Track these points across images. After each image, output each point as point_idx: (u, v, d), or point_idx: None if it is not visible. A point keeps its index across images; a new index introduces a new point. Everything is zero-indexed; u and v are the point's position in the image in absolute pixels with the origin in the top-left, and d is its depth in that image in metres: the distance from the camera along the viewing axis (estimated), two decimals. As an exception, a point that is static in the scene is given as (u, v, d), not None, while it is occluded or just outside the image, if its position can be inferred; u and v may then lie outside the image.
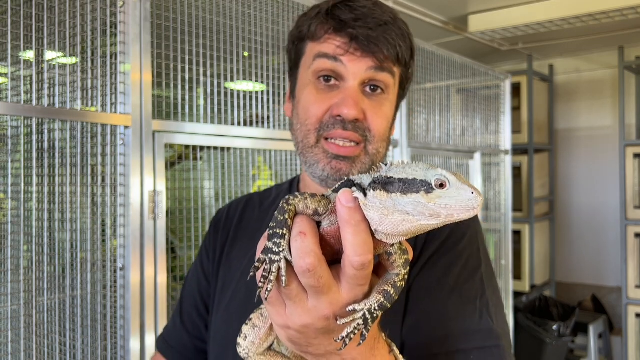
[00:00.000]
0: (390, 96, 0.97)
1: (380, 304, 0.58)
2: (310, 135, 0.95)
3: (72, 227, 1.51)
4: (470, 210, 0.53)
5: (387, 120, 0.96)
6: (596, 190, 4.67)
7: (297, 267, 0.55)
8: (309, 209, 0.58)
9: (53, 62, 1.52)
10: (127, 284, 1.57)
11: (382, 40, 0.91)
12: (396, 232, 0.55)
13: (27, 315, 1.44)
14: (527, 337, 3.74)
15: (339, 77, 0.93)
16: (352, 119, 0.91)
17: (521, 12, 3.41)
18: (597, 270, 4.65)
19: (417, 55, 2.66)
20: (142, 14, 1.59)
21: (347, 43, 0.91)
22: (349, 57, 0.91)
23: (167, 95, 1.75)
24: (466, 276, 0.88)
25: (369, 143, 0.94)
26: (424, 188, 0.53)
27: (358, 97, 0.92)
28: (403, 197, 0.54)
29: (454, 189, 0.53)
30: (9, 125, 1.52)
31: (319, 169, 0.94)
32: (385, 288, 0.59)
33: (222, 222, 1.13)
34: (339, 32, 0.92)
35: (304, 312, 0.58)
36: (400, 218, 0.54)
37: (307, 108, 0.96)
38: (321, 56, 0.93)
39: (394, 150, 2.58)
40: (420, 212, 0.53)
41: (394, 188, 0.54)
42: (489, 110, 3.43)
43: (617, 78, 4.09)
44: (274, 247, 0.56)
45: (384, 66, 0.92)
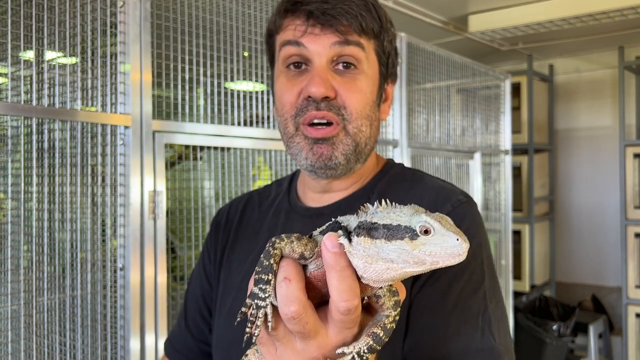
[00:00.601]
0: (366, 70, 0.92)
1: (369, 347, 0.58)
2: (289, 124, 0.93)
3: (72, 227, 1.51)
4: (455, 257, 0.52)
5: (362, 95, 0.91)
6: (596, 190, 4.67)
7: (282, 314, 0.55)
8: (295, 252, 0.58)
9: (53, 62, 1.52)
10: (127, 284, 1.57)
11: (340, 11, 0.87)
12: (381, 280, 0.55)
13: (27, 315, 1.44)
14: (527, 337, 3.74)
15: (307, 61, 0.91)
16: (321, 96, 0.88)
17: (521, 12, 3.41)
18: (597, 270, 4.65)
19: (417, 55, 2.68)
20: (142, 14, 1.59)
21: (304, 22, 0.89)
22: (309, 37, 0.89)
23: (167, 95, 1.75)
24: (469, 292, 0.85)
25: (347, 122, 0.90)
26: (408, 235, 0.53)
27: (326, 75, 0.89)
28: (387, 244, 0.53)
29: (439, 236, 0.52)
30: (9, 125, 1.52)
31: (303, 158, 0.92)
32: (375, 330, 0.58)
33: (223, 223, 1.11)
34: (295, 12, 0.90)
35: (293, 353, 0.58)
36: (384, 266, 0.54)
37: (280, 97, 0.94)
38: (284, 44, 0.91)
39: (394, 150, 2.58)
40: (405, 260, 0.53)
41: (378, 234, 0.54)
42: (489, 110, 3.43)
43: (617, 78, 4.09)
44: (259, 293, 0.56)
45: (349, 39, 0.89)
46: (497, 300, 0.88)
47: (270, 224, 1.04)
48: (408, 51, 2.63)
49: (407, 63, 2.62)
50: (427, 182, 0.99)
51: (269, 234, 1.01)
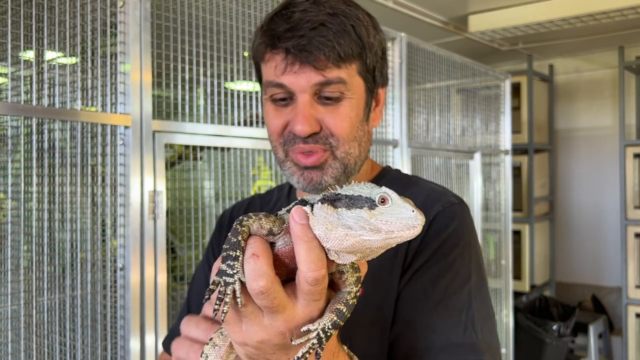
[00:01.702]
0: (350, 96, 0.93)
1: (333, 323, 0.59)
2: (278, 151, 0.96)
3: (72, 227, 1.51)
4: (410, 228, 0.54)
5: (348, 121, 0.93)
6: (596, 190, 4.67)
7: (251, 289, 0.56)
8: (264, 229, 0.59)
9: (53, 62, 1.52)
10: (127, 284, 1.57)
11: (316, 45, 0.87)
12: (343, 249, 0.56)
13: (27, 315, 1.44)
14: (527, 337, 3.74)
15: (291, 95, 0.92)
16: (306, 134, 0.90)
17: (521, 12, 3.41)
18: (597, 270, 4.65)
19: (417, 55, 2.68)
20: (142, 14, 1.59)
21: (283, 59, 0.89)
22: (289, 76, 0.89)
23: (167, 95, 1.75)
24: (454, 288, 0.87)
25: (335, 148, 0.92)
26: (367, 204, 0.55)
27: (309, 112, 0.90)
28: (347, 212, 0.56)
29: (395, 207, 0.55)
30: (9, 125, 1.52)
31: (295, 181, 0.95)
32: (338, 307, 0.60)
33: (226, 224, 1.14)
34: (274, 48, 0.90)
35: (260, 328, 0.59)
36: (343, 232, 0.55)
37: (268, 124, 0.97)
38: (269, 85, 0.93)
39: (394, 151, 2.58)
40: (362, 227, 0.55)
41: (340, 204, 0.56)
42: (489, 110, 3.43)
43: (617, 78, 4.09)
44: (227, 270, 0.57)
45: (329, 78, 0.89)
46: (482, 299, 0.89)
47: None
48: (408, 51, 2.63)
49: (407, 63, 2.62)
50: (421, 185, 1.02)
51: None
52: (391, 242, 0.55)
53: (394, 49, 2.57)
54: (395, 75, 2.57)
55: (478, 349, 0.82)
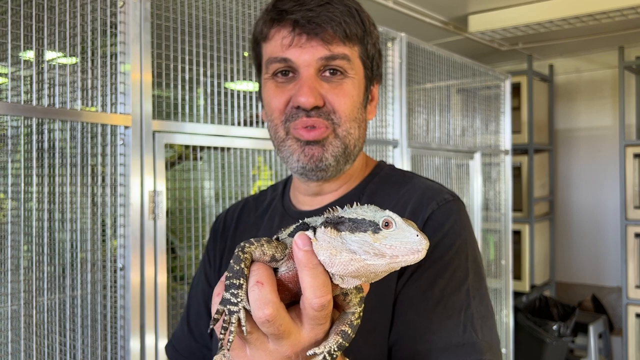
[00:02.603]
0: (352, 75, 0.94)
1: (339, 345, 0.59)
2: (279, 129, 0.95)
3: (72, 227, 1.51)
4: (415, 253, 0.54)
5: (350, 99, 0.94)
6: (596, 190, 4.67)
7: (256, 317, 0.56)
8: (266, 255, 0.59)
9: (53, 62, 1.52)
10: (127, 284, 1.57)
11: (325, 19, 0.89)
12: (347, 274, 0.56)
13: (27, 315, 1.44)
14: (527, 337, 3.74)
15: (294, 70, 0.93)
16: (310, 106, 0.90)
17: (521, 12, 3.41)
18: (597, 270, 4.65)
19: (417, 55, 2.68)
20: (142, 14, 1.59)
21: (291, 31, 0.91)
22: (295, 50, 0.90)
23: (167, 95, 1.75)
24: (452, 288, 0.86)
25: (336, 125, 0.93)
26: (371, 228, 0.55)
27: (314, 84, 0.91)
28: (351, 236, 0.55)
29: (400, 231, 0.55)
30: (9, 125, 1.52)
31: (294, 160, 0.94)
32: (343, 328, 0.60)
33: (220, 230, 1.13)
34: (281, 22, 0.92)
35: (266, 354, 0.59)
36: (347, 257, 0.55)
37: (269, 103, 0.96)
38: (272, 61, 0.94)
39: (394, 151, 2.58)
40: (366, 251, 0.54)
41: (344, 227, 0.56)
42: (489, 110, 3.43)
43: (617, 78, 4.09)
44: (232, 298, 0.56)
45: (334, 53, 0.91)
46: (481, 297, 0.89)
47: (266, 228, 1.05)
48: (408, 51, 2.63)
49: (407, 63, 2.62)
50: (416, 182, 1.00)
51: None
52: (395, 267, 0.55)
53: (394, 49, 2.57)
54: (395, 75, 2.56)
55: (478, 349, 0.82)
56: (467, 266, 0.89)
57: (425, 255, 0.54)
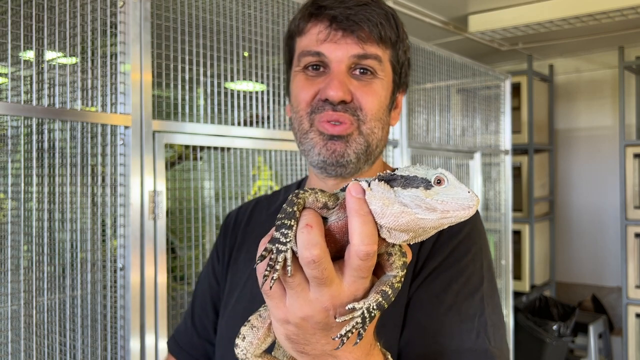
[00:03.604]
0: (382, 77, 0.96)
1: (378, 304, 0.59)
2: (304, 121, 0.96)
3: (72, 227, 1.51)
4: (465, 209, 0.55)
5: (378, 99, 0.95)
6: (596, 190, 4.67)
7: (302, 258, 0.56)
8: (319, 202, 0.59)
9: (53, 62, 1.52)
10: (127, 284, 1.57)
11: (362, 18, 0.91)
12: (397, 227, 0.56)
13: (27, 315, 1.44)
14: (527, 337, 3.74)
15: (325, 65, 0.94)
16: (339, 100, 0.91)
17: (521, 12, 3.41)
18: (597, 270, 4.65)
19: (417, 55, 2.68)
20: (142, 14, 1.59)
21: (327, 26, 0.92)
22: (329, 45, 0.92)
23: (167, 95, 1.75)
24: (466, 294, 0.86)
25: (362, 122, 0.94)
26: (423, 184, 0.56)
27: (344, 79, 0.92)
28: (403, 191, 0.56)
29: (451, 187, 0.55)
30: (9, 125, 1.51)
31: (315, 154, 0.94)
32: (384, 288, 0.60)
33: (231, 226, 1.13)
34: (319, 16, 0.93)
35: (305, 303, 0.59)
36: (399, 209, 0.56)
37: (297, 95, 0.97)
38: (304, 54, 0.95)
39: (394, 151, 2.58)
40: (417, 205, 0.55)
41: (396, 183, 0.57)
42: (489, 110, 3.43)
43: (617, 78, 4.09)
44: (281, 237, 0.57)
45: (367, 53, 0.92)
46: (494, 306, 0.89)
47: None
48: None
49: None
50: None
51: None
52: (445, 222, 0.55)
53: (394, 49, 2.56)
54: (395, 75, 2.56)
55: (490, 355, 0.82)
56: (482, 274, 0.89)
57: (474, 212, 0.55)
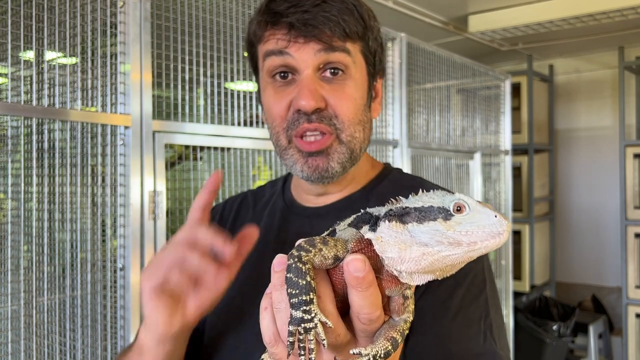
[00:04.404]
0: (354, 75, 0.90)
1: (386, 352, 0.54)
2: (281, 137, 0.91)
3: (72, 227, 1.51)
4: (495, 236, 0.48)
5: (353, 102, 0.90)
6: (596, 190, 4.67)
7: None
8: (328, 259, 0.54)
9: (53, 62, 1.52)
10: (127, 284, 1.57)
11: (322, 20, 0.85)
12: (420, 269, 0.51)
13: (27, 315, 1.44)
14: (527, 337, 3.74)
15: (293, 70, 0.89)
16: (312, 109, 0.86)
17: (521, 12, 3.41)
18: (597, 270, 4.65)
19: (417, 55, 2.68)
20: (142, 14, 1.59)
21: (286, 34, 0.87)
22: (293, 46, 0.87)
23: (167, 95, 1.75)
24: (471, 297, 0.85)
25: (340, 131, 0.89)
26: (441, 215, 0.49)
27: (314, 85, 0.87)
28: (419, 227, 0.50)
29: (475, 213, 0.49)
30: (9, 125, 1.52)
31: (298, 170, 0.91)
32: (394, 335, 0.55)
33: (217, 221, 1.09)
34: (276, 25, 0.88)
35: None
36: (419, 252, 0.50)
37: (269, 110, 0.93)
38: (268, 54, 0.90)
39: (394, 151, 2.58)
40: (439, 241, 0.49)
41: (410, 218, 0.51)
42: (489, 110, 3.43)
43: (617, 78, 4.09)
44: (305, 315, 0.52)
45: (334, 45, 0.87)
46: (497, 307, 0.88)
47: (266, 223, 1.03)
48: (408, 51, 2.63)
49: (407, 63, 2.62)
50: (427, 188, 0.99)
51: (266, 234, 1.00)
52: (474, 255, 0.50)
53: (394, 49, 2.57)
54: (395, 76, 2.56)
55: (498, 357, 0.81)
56: (484, 276, 0.88)
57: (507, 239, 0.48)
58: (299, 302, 0.52)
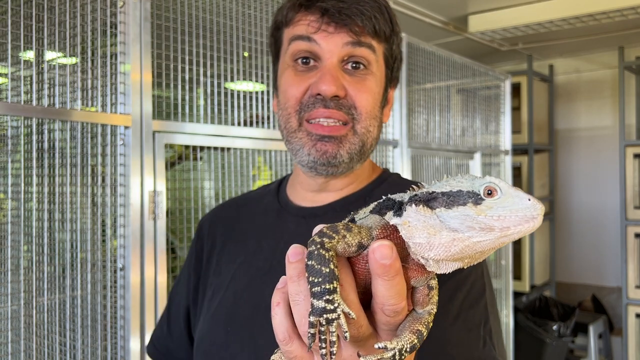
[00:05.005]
0: (375, 72, 0.91)
1: (412, 346, 0.52)
2: (292, 119, 0.91)
3: (72, 227, 1.51)
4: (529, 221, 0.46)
5: (372, 95, 0.91)
6: (596, 190, 4.67)
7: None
8: (352, 246, 0.51)
9: (53, 62, 1.52)
10: (127, 284, 1.57)
11: (355, 12, 0.86)
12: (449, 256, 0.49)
13: (27, 315, 1.44)
14: (527, 337, 3.74)
15: (317, 58, 0.89)
16: (332, 95, 0.86)
17: (521, 12, 3.41)
18: (597, 270, 4.65)
19: (417, 55, 2.68)
20: (142, 14, 1.59)
21: (318, 19, 0.87)
22: (322, 34, 0.87)
23: (167, 95, 1.75)
24: (471, 302, 0.84)
25: (356, 122, 0.89)
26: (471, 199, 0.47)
27: (337, 73, 0.87)
28: (448, 212, 0.47)
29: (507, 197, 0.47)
30: (9, 125, 1.52)
31: (304, 154, 0.89)
32: (419, 328, 0.53)
33: (206, 231, 1.08)
34: (309, 8, 0.88)
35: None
36: (449, 237, 0.47)
37: (285, 91, 0.92)
38: (295, 39, 0.90)
39: (394, 151, 2.58)
40: (469, 227, 0.47)
41: (437, 203, 0.48)
42: (489, 110, 3.43)
43: (617, 78, 4.09)
44: (328, 305, 0.49)
45: (361, 40, 0.88)
46: (495, 313, 0.88)
47: (259, 224, 1.02)
48: (408, 51, 2.63)
49: (407, 63, 2.62)
50: None
51: (258, 234, 1.00)
52: (506, 240, 0.47)
53: (394, 49, 2.57)
54: (395, 76, 2.56)
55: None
56: (484, 281, 0.88)
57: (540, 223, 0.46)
58: (322, 291, 0.49)
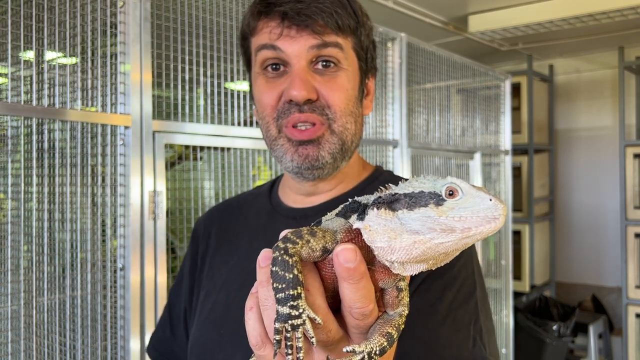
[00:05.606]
0: (346, 67, 0.90)
1: (382, 349, 0.51)
2: (271, 127, 0.91)
3: (72, 227, 1.51)
4: (490, 221, 0.45)
5: (345, 92, 0.90)
6: (596, 190, 4.67)
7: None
8: (316, 251, 0.51)
9: (53, 62, 1.52)
10: (127, 284, 1.57)
11: (315, 10, 0.86)
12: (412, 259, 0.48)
13: (27, 315, 1.44)
14: (527, 337, 3.74)
15: (285, 63, 0.89)
16: (303, 100, 0.86)
17: (521, 12, 3.41)
18: (597, 270, 4.65)
19: (417, 55, 2.68)
20: (142, 14, 1.59)
21: (279, 24, 0.87)
22: (285, 40, 0.87)
23: (167, 95, 1.75)
24: (460, 301, 0.84)
25: (332, 121, 0.89)
26: (433, 200, 0.46)
27: (306, 77, 0.87)
28: (410, 214, 0.47)
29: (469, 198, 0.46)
30: (9, 125, 1.51)
31: (288, 160, 0.90)
32: (389, 330, 0.52)
33: (201, 233, 1.09)
34: (269, 14, 0.88)
35: None
36: (410, 240, 0.47)
37: (260, 100, 0.93)
38: (260, 48, 0.90)
39: (394, 151, 2.58)
40: (431, 228, 0.46)
41: (400, 205, 0.48)
42: (489, 110, 3.43)
43: (617, 78, 4.09)
44: (292, 311, 0.49)
45: (326, 41, 0.87)
46: (486, 311, 0.87)
47: (252, 225, 1.02)
48: (408, 51, 2.63)
49: (407, 63, 2.62)
50: None
51: (250, 236, 1.00)
52: (469, 242, 0.47)
53: (394, 49, 2.57)
54: (395, 75, 2.56)
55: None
56: (474, 279, 0.87)
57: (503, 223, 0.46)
58: (286, 297, 0.49)
